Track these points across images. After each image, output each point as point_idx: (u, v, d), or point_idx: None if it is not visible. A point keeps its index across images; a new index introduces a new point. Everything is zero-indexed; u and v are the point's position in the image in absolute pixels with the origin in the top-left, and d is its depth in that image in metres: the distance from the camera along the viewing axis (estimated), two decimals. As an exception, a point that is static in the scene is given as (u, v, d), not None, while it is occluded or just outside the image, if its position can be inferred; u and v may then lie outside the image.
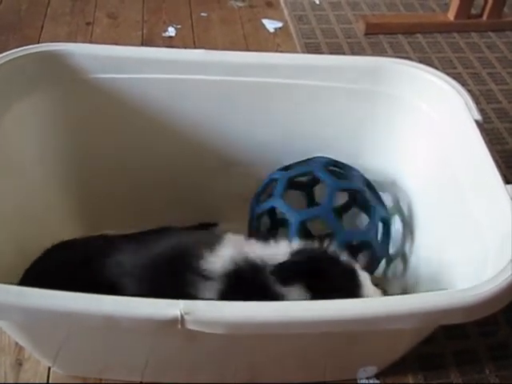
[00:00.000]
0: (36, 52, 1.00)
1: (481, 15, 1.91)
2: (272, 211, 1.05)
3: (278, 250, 0.87)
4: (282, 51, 1.75)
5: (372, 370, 1.00)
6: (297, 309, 0.70)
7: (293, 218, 0.98)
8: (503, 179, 0.84)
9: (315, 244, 0.89)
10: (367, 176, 1.07)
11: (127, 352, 0.88)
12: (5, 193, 0.94)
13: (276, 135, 1.11)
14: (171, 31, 1.80)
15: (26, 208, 0.99)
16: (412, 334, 0.86)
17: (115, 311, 0.67)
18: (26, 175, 1.01)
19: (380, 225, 1.04)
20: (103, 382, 0.97)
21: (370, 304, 0.72)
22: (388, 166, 1.11)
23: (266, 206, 1.04)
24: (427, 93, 1.03)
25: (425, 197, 1.03)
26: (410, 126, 1.06)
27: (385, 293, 0.89)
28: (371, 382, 1.00)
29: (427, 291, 0.76)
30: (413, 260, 1.05)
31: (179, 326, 0.67)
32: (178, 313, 0.66)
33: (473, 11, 1.90)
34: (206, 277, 0.83)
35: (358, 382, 1.00)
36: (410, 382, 1.01)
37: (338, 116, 1.10)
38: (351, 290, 0.84)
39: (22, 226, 0.97)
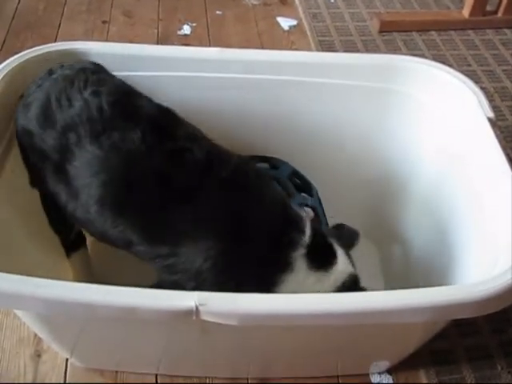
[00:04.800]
0: (53, 50, 1.02)
1: (496, 12, 1.90)
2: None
3: None
4: (296, 49, 1.76)
5: (384, 364, 1.00)
6: (310, 301, 0.71)
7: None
8: (515, 175, 0.85)
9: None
10: (382, 170, 1.08)
11: (143, 345, 0.90)
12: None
13: (289, 132, 1.12)
14: (186, 29, 1.82)
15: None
16: (424, 328, 0.87)
17: (132, 302, 0.68)
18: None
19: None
20: (119, 374, 0.99)
21: (381, 297, 0.73)
22: (401, 163, 1.11)
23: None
24: (440, 91, 1.03)
25: (437, 192, 1.04)
26: (423, 123, 1.07)
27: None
28: (383, 376, 1.01)
29: (438, 285, 0.76)
30: (422, 254, 1.06)
31: (194, 317, 0.68)
32: (193, 304, 0.67)
33: (488, 8, 1.89)
34: None
35: (371, 376, 1.01)
36: (422, 377, 1.02)
37: (351, 113, 1.11)
38: None
39: (43, 221, 0.99)
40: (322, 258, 0.85)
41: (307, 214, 0.92)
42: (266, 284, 0.80)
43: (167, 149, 0.81)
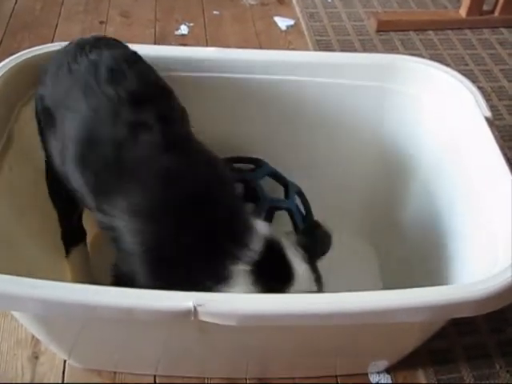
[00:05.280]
0: (51, 51, 1.02)
1: (493, 11, 1.91)
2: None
3: None
4: (293, 49, 1.76)
5: (383, 364, 1.00)
6: (307, 302, 0.71)
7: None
8: (513, 174, 0.85)
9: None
10: (380, 170, 1.08)
11: (142, 345, 0.90)
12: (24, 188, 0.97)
13: (287, 131, 1.12)
14: (184, 29, 1.82)
15: (45, 203, 1.00)
16: (422, 327, 0.87)
17: (130, 303, 0.68)
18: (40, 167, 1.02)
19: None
20: (117, 375, 0.99)
21: (381, 297, 0.73)
22: (398, 162, 1.11)
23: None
24: (437, 90, 1.03)
25: (435, 191, 1.04)
26: (420, 122, 1.07)
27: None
28: (382, 376, 1.01)
29: (437, 285, 0.76)
30: (421, 253, 1.06)
31: (192, 318, 0.68)
32: (191, 304, 0.67)
33: (485, 7, 1.89)
34: None
35: (369, 376, 1.01)
36: (421, 376, 1.02)
37: (349, 113, 1.11)
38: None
39: (42, 220, 0.99)
40: (273, 278, 0.80)
41: (265, 226, 0.84)
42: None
43: (131, 120, 0.82)
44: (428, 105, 1.05)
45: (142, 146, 0.81)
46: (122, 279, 0.83)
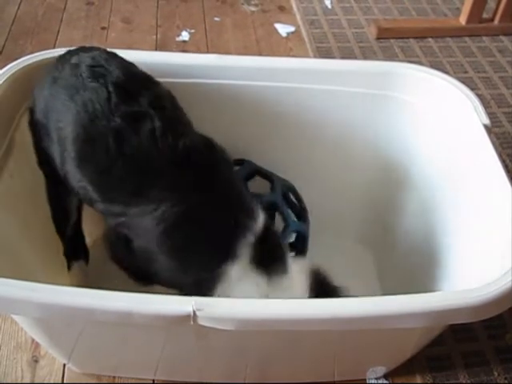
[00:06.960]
0: (53, 56, 1.02)
1: (492, 19, 1.92)
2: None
3: None
4: (294, 55, 1.77)
5: (381, 370, 1.01)
6: (306, 307, 0.72)
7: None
8: (511, 182, 0.85)
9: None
10: (379, 176, 1.08)
11: (141, 350, 0.90)
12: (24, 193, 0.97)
13: (287, 138, 1.13)
14: (185, 36, 1.83)
15: (46, 210, 1.01)
16: (420, 334, 0.87)
17: (129, 307, 0.69)
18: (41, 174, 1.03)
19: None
20: (116, 379, 0.99)
21: (379, 303, 0.73)
22: (397, 168, 1.12)
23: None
24: (436, 97, 1.04)
25: (433, 198, 1.04)
26: (419, 129, 1.07)
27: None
28: (380, 382, 1.01)
29: (435, 290, 0.76)
30: (419, 259, 1.06)
31: (191, 322, 0.68)
32: (191, 309, 0.68)
33: (484, 15, 1.90)
34: None
35: (367, 382, 1.01)
36: (419, 382, 1.02)
37: (347, 120, 1.11)
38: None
39: (42, 227, 0.99)
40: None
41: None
42: (209, 267, 0.81)
43: (128, 111, 0.83)
44: (427, 112, 1.06)
45: (143, 134, 0.82)
46: (135, 253, 0.85)
